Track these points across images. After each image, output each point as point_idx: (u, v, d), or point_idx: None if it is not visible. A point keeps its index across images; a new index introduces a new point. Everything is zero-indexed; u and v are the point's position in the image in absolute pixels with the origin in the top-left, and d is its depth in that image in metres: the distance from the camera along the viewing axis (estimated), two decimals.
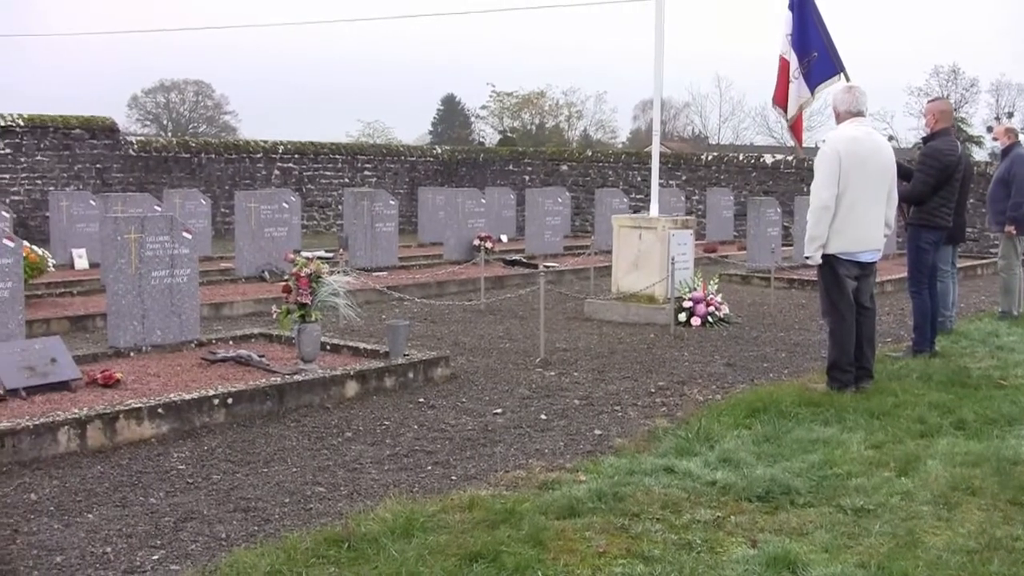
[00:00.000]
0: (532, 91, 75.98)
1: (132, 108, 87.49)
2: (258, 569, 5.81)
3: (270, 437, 8.95)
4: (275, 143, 36.43)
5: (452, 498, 7.07)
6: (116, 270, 11.68)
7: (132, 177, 32.21)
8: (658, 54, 15.74)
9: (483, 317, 16.00)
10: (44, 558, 6.23)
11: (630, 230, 15.97)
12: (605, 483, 7.30)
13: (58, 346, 10.21)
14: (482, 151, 44.20)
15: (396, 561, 5.87)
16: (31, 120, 30.66)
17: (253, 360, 11.03)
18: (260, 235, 20.02)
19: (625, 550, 6.13)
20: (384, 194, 23.35)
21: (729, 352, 13.07)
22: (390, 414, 9.77)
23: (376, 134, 77.41)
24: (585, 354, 12.85)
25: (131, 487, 7.61)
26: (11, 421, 8.42)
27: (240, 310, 16.14)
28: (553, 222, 26.59)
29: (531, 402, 10.31)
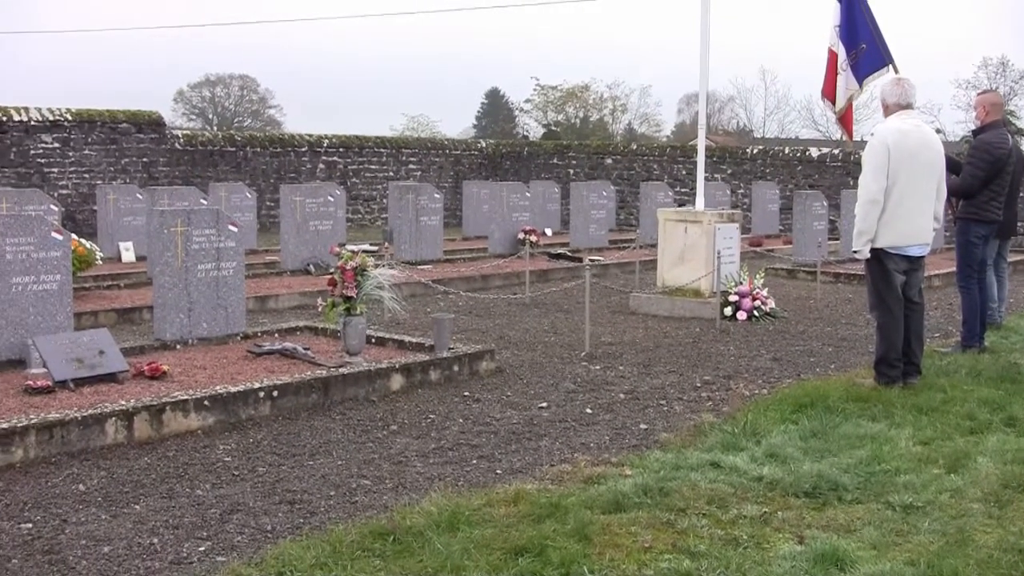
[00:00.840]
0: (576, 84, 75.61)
1: (178, 102, 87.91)
2: (304, 561, 5.82)
3: (315, 430, 8.96)
4: (320, 137, 36.52)
5: (497, 492, 7.06)
6: (163, 263, 11.73)
7: (178, 171, 32.38)
8: (704, 47, 15.68)
9: (528, 311, 15.98)
10: (92, 548, 6.26)
11: (676, 224, 15.92)
12: (651, 478, 7.27)
13: (106, 338, 10.26)
14: (526, 145, 44.15)
15: (441, 555, 5.86)
16: (79, 114, 30.87)
17: (299, 353, 11.05)
18: (305, 228, 20.07)
19: (671, 545, 6.10)
20: (429, 187, 23.36)
21: (775, 347, 13.00)
22: (435, 407, 9.78)
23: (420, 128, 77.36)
24: (630, 348, 12.81)
25: (177, 479, 7.64)
26: (60, 412, 8.48)
27: (285, 303, 16.19)
28: (598, 216, 26.54)
29: (576, 396, 10.29)
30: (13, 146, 29.63)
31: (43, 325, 10.80)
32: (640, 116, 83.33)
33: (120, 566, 6.00)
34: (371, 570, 5.76)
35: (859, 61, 14.00)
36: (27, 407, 8.90)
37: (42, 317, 10.86)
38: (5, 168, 29.43)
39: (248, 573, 5.74)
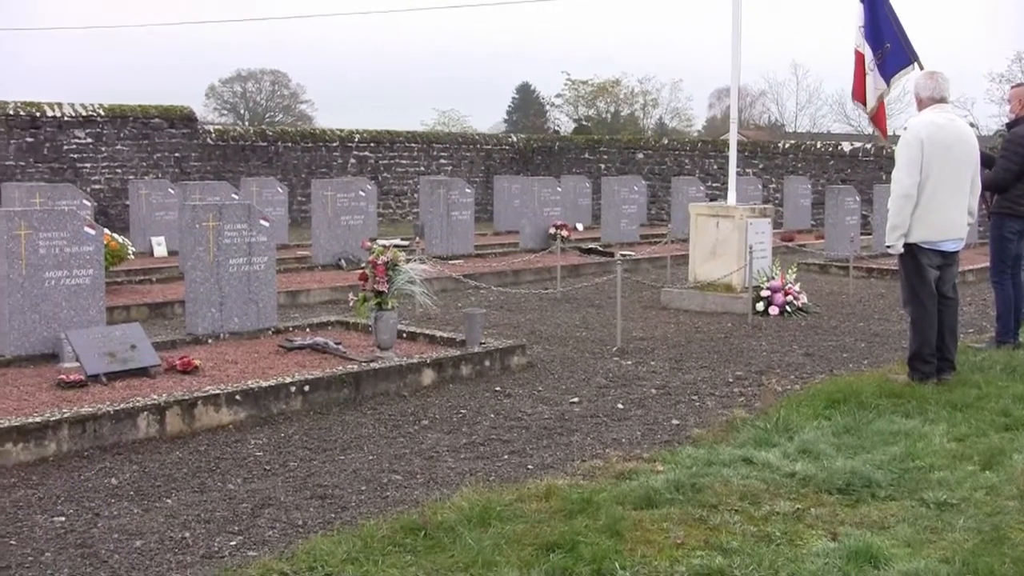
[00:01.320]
0: (607, 79, 75.53)
1: (209, 98, 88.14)
2: (335, 556, 5.82)
3: (347, 424, 8.97)
4: (351, 132, 36.56)
5: (529, 487, 7.05)
6: (194, 258, 11.76)
7: (210, 166, 32.47)
8: (736, 41, 15.63)
9: (559, 305, 15.97)
10: (124, 542, 6.28)
11: (707, 218, 15.88)
12: (683, 473, 7.24)
13: (138, 333, 10.29)
14: (557, 139, 44.11)
15: (472, 550, 5.85)
16: (111, 110, 31.00)
17: (330, 347, 11.06)
18: (336, 223, 20.10)
19: (703, 541, 6.07)
20: (460, 182, 23.37)
21: (808, 342, 12.95)
22: (466, 402, 9.77)
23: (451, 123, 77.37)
24: (662, 343, 12.78)
25: (209, 473, 7.66)
26: (92, 406, 8.52)
27: (317, 298, 16.22)
28: (629, 210, 26.49)
29: (608, 391, 10.27)
30: (46, 141, 29.77)
31: (76, 319, 10.85)
32: (671, 111, 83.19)
33: (152, 560, 6.02)
34: (402, 565, 5.75)
35: (885, 60, 13.95)
36: (60, 401, 8.94)
37: (75, 311, 10.91)
38: (38, 163, 29.57)
39: (279, 568, 5.74)
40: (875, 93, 14.10)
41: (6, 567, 5.91)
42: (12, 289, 10.57)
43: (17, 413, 8.44)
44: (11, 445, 7.81)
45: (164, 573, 5.82)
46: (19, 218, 10.64)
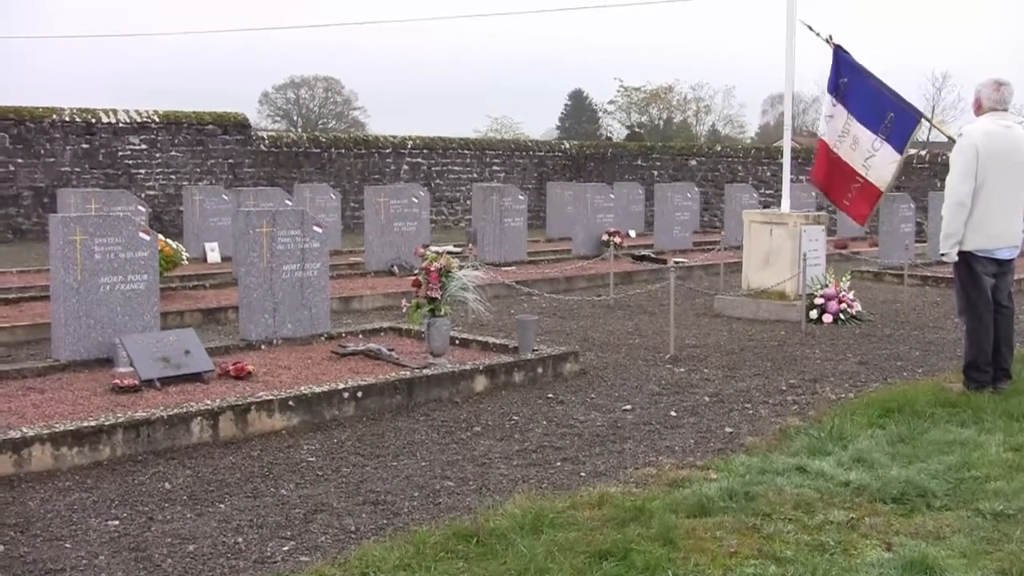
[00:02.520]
0: (660, 86, 75.54)
1: (263, 104, 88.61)
2: (387, 562, 5.82)
3: (399, 431, 8.98)
4: (404, 138, 36.68)
5: (581, 495, 7.03)
6: (248, 263, 11.81)
7: (263, 172, 32.66)
8: (789, 48, 15.54)
9: (612, 312, 15.93)
10: (177, 546, 6.31)
11: (761, 226, 15.81)
12: (736, 482, 7.20)
13: (192, 338, 10.35)
14: (610, 146, 44.07)
15: (525, 557, 5.83)
16: (166, 116, 31.26)
17: (383, 354, 11.08)
18: (389, 230, 20.16)
19: (757, 550, 6.03)
20: (513, 189, 23.38)
21: (862, 350, 12.86)
22: (519, 409, 9.76)
23: (504, 129, 77.57)
24: (715, 351, 12.73)
25: (262, 478, 7.68)
26: (146, 411, 8.56)
27: (369, 304, 16.25)
28: (682, 217, 26.44)
29: (661, 399, 10.23)
30: (102, 147, 30.05)
31: (130, 324, 10.92)
32: (724, 117, 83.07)
33: (205, 564, 6.04)
34: (454, 572, 5.75)
35: (891, 132, 14.02)
36: (114, 405, 9.01)
37: (129, 317, 10.98)
38: (94, 169, 29.85)
39: (332, 573, 5.75)
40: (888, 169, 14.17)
41: (61, 569, 5.95)
42: (68, 294, 10.65)
43: (72, 417, 8.52)
44: (66, 449, 7.87)
45: None
46: (75, 224, 10.72)
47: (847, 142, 14.52)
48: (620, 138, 67.16)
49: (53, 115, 29.73)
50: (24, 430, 7.93)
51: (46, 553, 6.20)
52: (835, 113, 14.71)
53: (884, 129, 14.08)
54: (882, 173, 14.26)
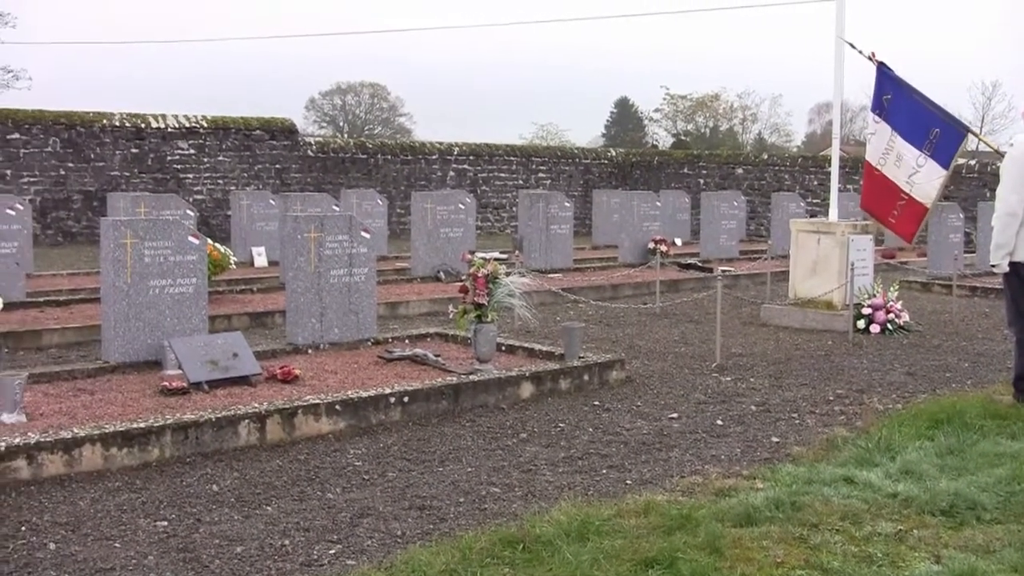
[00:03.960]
0: (706, 94, 75.42)
1: (309, 110, 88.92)
2: (433, 567, 5.83)
3: (445, 436, 9.00)
4: (450, 145, 36.76)
5: (627, 502, 7.02)
6: (296, 268, 11.86)
7: (310, 177, 32.81)
8: (838, 56, 15.46)
9: (658, 321, 15.91)
10: (225, 548, 6.35)
11: (808, 235, 15.74)
12: (783, 492, 7.17)
13: (239, 341, 10.41)
14: (656, 154, 44.01)
15: (571, 564, 5.84)
16: (214, 121, 31.47)
17: (429, 359, 11.10)
18: (436, 235, 20.20)
19: (804, 561, 6.01)
20: (559, 196, 23.39)
21: (909, 361, 12.78)
22: (565, 416, 9.76)
23: (549, 136, 77.55)
24: (761, 360, 12.69)
25: (308, 481, 7.72)
26: (195, 413, 8.61)
27: (415, 309, 16.30)
28: (728, 226, 26.36)
29: (707, 407, 10.21)
30: (151, 152, 30.29)
31: (179, 327, 10.99)
32: (770, 126, 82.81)
33: (252, 566, 6.08)
34: None
35: (936, 148, 13.94)
36: (163, 407, 9.07)
37: (178, 320, 11.05)
38: (143, 174, 30.08)
39: None
40: (933, 186, 14.10)
41: (111, 568, 6.00)
42: (118, 297, 10.73)
43: (121, 418, 8.58)
44: (116, 450, 7.93)
45: None
46: (125, 227, 10.81)
47: (891, 159, 14.45)
48: (666, 146, 67.08)
49: (103, 120, 30.00)
50: (75, 430, 8.00)
51: (96, 552, 6.25)
52: (878, 131, 14.65)
53: (928, 145, 14.01)
54: (927, 189, 14.18)
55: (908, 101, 14.25)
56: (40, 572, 5.96)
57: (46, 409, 9.02)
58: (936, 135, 13.96)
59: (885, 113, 14.46)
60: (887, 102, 14.41)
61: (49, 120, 29.38)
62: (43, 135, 29.16)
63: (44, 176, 29.11)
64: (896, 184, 14.40)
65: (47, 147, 29.19)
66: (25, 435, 7.88)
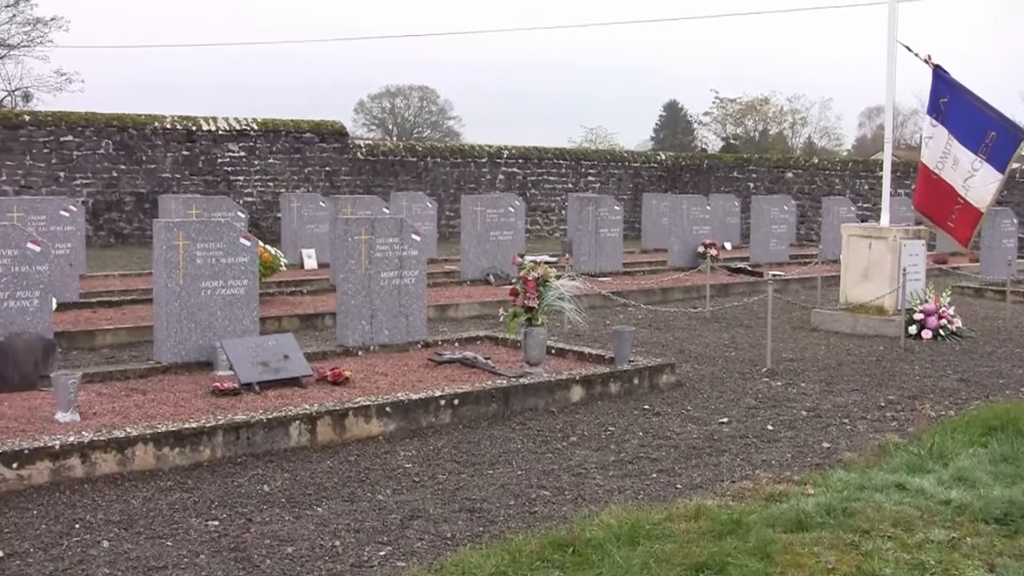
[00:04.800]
0: (756, 97, 75.03)
1: (359, 113, 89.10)
2: (483, 569, 5.83)
3: (495, 439, 9.00)
4: (500, 148, 36.78)
5: (677, 507, 7.00)
6: (346, 270, 11.90)
7: (360, 180, 32.91)
8: (891, 59, 15.36)
9: (708, 325, 15.86)
10: (276, 548, 6.38)
11: (860, 239, 15.65)
12: (834, 497, 7.13)
13: (290, 343, 10.44)
14: (706, 158, 43.92)
15: (620, 568, 5.83)
16: (264, 124, 31.62)
17: (479, 362, 11.11)
18: (485, 239, 20.21)
19: (855, 567, 5.97)
20: (609, 199, 23.36)
21: (962, 367, 12.68)
22: (615, 420, 9.74)
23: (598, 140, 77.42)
24: (812, 365, 12.62)
25: (359, 483, 7.74)
26: (246, 414, 8.66)
27: (465, 312, 16.31)
28: (779, 230, 26.27)
29: (757, 412, 10.17)
30: (202, 154, 30.46)
31: (230, 329, 11.04)
32: (820, 130, 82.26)
33: (303, 567, 6.10)
34: None
35: (992, 151, 13.84)
36: (214, 408, 9.12)
37: (229, 321, 11.10)
38: (194, 176, 30.26)
39: None
40: (988, 190, 14.00)
41: (163, 567, 6.04)
42: (170, 298, 10.79)
43: (174, 418, 8.63)
44: (168, 449, 7.98)
45: None
46: (177, 229, 10.87)
47: (948, 163, 14.35)
48: (715, 150, 66.89)
49: (155, 122, 30.20)
50: (128, 430, 8.06)
51: (149, 551, 6.29)
52: (935, 134, 14.55)
53: (984, 149, 13.92)
54: (982, 193, 14.08)
55: (964, 104, 14.16)
56: (94, 569, 6.00)
57: (99, 408, 9.09)
58: (992, 138, 13.87)
59: (942, 116, 14.36)
60: (943, 105, 14.31)
61: (102, 122, 29.62)
62: (96, 137, 29.39)
63: (97, 178, 29.33)
64: (953, 188, 14.31)
65: (100, 149, 29.41)
66: (79, 434, 7.95)
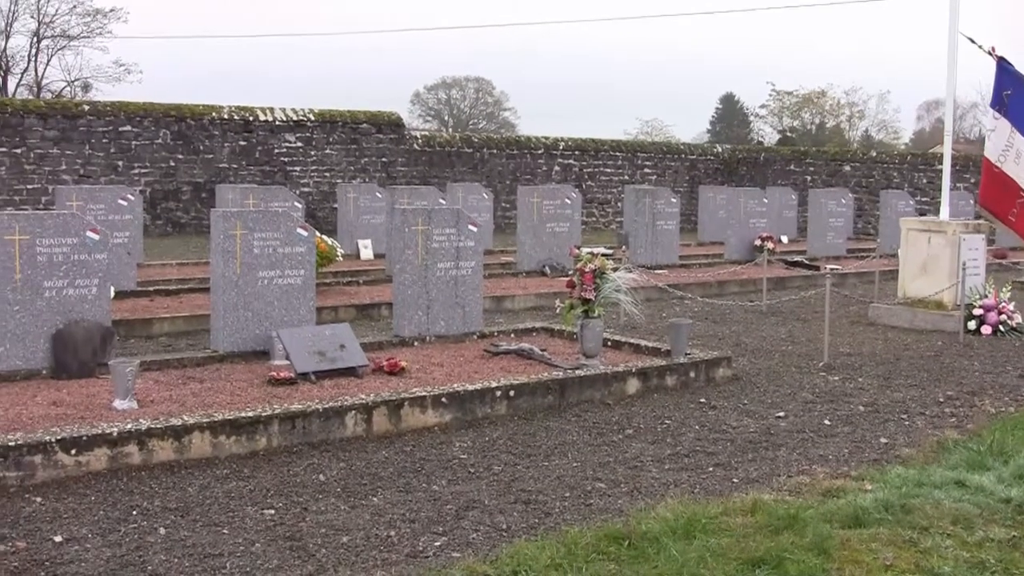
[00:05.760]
0: (812, 90, 74.69)
1: (414, 104, 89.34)
2: (538, 561, 5.83)
3: (551, 431, 8.98)
4: (556, 139, 36.73)
5: (734, 501, 6.97)
6: (403, 261, 11.91)
7: (416, 171, 32.96)
8: (952, 51, 15.20)
9: (765, 318, 15.78)
10: (331, 537, 6.39)
11: (919, 233, 15.52)
12: (892, 494, 7.08)
13: (347, 333, 10.47)
14: (763, 150, 43.69)
15: (677, 562, 5.81)
16: (321, 115, 31.73)
17: (535, 354, 11.10)
18: (542, 230, 20.18)
19: (914, 565, 5.92)
20: (666, 192, 23.28)
21: (1023, 363, 12.53)
22: (671, 413, 9.71)
23: (654, 132, 77.29)
24: (870, 360, 12.52)
25: (414, 473, 7.74)
26: (302, 403, 8.69)
27: (521, 304, 16.30)
28: (836, 223, 26.09)
29: (814, 407, 10.10)
30: (259, 145, 30.60)
31: (286, 318, 11.08)
32: (878, 123, 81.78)
33: (358, 556, 6.11)
34: (606, 574, 5.75)
35: None
36: (270, 397, 9.16)
37: (285, 311, 11.14)
38: (251, 166, 30.41)
39: (483, 570, 5.78)
40: None
41: (219, 554, 6.07)
42: (227, 287, 10.84)
43: (230, 407, 8.68)
44: (224, 437, 8.02)
45: (370, 570, 5.89)
46: (235, 218, 10.92)
47: (1011, 156, 14.19)
48: (771, 142, 66.56)
49: (212, 112, 30.37)
50: (184, 418, 8.11)
51: (205, 538, 6.32)
52: (998, 127, 14.38)
53: None
54: None
55: None
56: (151, 556, 6.04)
57: (156, 396, 9.16)
58: None
59: (1005, 109, 14.19)
60: (1007, 98, 14.14)
61: (160, 113, 29.82)
62: (154, 127, 29.59)
63: (154, 167, 29.53)
64: (1016, 182, 14.15)
65: (157, 139, 29.61)
66: (136, 421, 8.00)
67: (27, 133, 28.12)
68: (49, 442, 7.45)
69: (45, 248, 10.21)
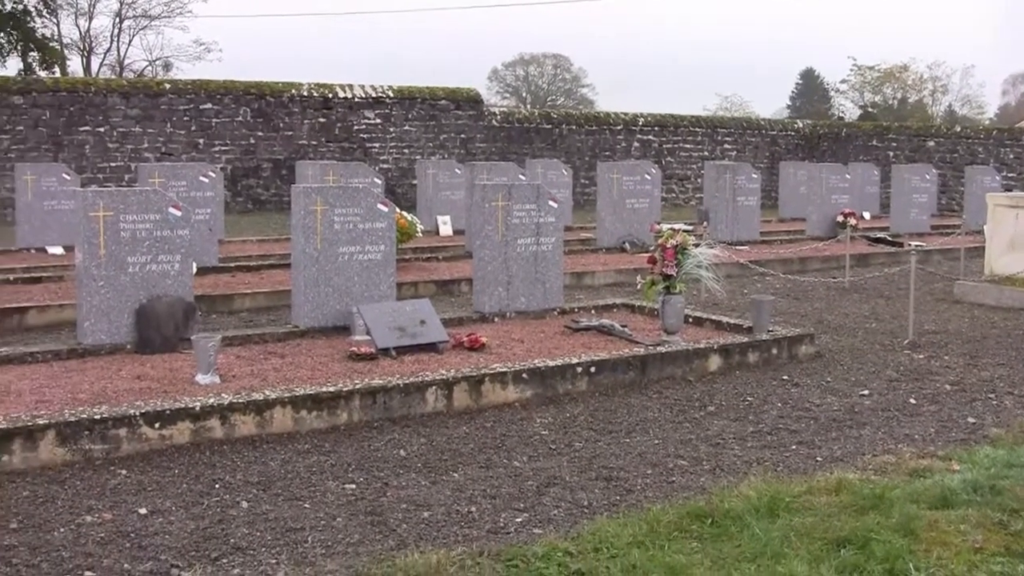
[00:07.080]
0: (895, 65, 73.80)
1: (492, 80, 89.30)
2: (620, 539, 5.78)
3: (632, 407, 8.93)
4: (635, 115, 36.58)
5: (818, 480, 6.87)
6: (483, 237, 11.88)
7: (494, 147, 32.95)
8: None
9: (847, 295, 15.59)
10: (412, 512, 6.38)
11: (1007, 210, 15.28)
12: (981, 474, 6.94)
13: (427, 309, 10.46)
14: (844, 126, 43.26)
15: (760, 540, 5.73)
16: (400, 92, 31.79)
17: (616, 330, 11.03)
18: (621, 206, 20.09)
19: (1004, 548, 5.79)
20: (746, 167, 23.09)
21: None
22: (753, 390, 9.61)
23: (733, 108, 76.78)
24: (956, 337, 12.33)
25: (495, 449, 7.72)
26: (382, 379, 8.70)
27: (601, 280, 16.23)
28: (920, 200, 25.74)
29: (899, 385, 9.95)
30: (338, 121, 30.72)
31: (366, 294, 11.09)
32: (962, 98, 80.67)
33: (439, 532, 6.09)
34: (688, 552, 5.67)
35: None
36: (351, 372, 9.17)
37: (366, 286, 11.15)
38: (330, 143, 30.54)
39: (564, 547, 5.73)
40: None
41: (300, 528, 6.08)
42: (307, 263, 10.86)
43: (311, 382, 8.71)
44: (305, 412, 8.04)
45: (451, 545, 5.86)
46: (315, 194, 10.94)
47: None
48: (852, 118, 65.87)
49: (292, 90, 30.55)
50: (266, 392, 8.15)
51: (287, 512, 6.34)
52: None
53: None
54: None
55: None
56: (233, 529, 6.06)
57: (238, 371, 9.21)
58: None
59: None
60: None
61: (240, 90, 30.04)
62: (234, 105, 29.81)
63: (235, 145, 29.75)
64: None
65: (238, 116, 29.83)
66: (219, 396, 8.05)
67: (110, 112, 28.44)
68: (134, 415, 7.51)
69: (129, 224, 10.29)
